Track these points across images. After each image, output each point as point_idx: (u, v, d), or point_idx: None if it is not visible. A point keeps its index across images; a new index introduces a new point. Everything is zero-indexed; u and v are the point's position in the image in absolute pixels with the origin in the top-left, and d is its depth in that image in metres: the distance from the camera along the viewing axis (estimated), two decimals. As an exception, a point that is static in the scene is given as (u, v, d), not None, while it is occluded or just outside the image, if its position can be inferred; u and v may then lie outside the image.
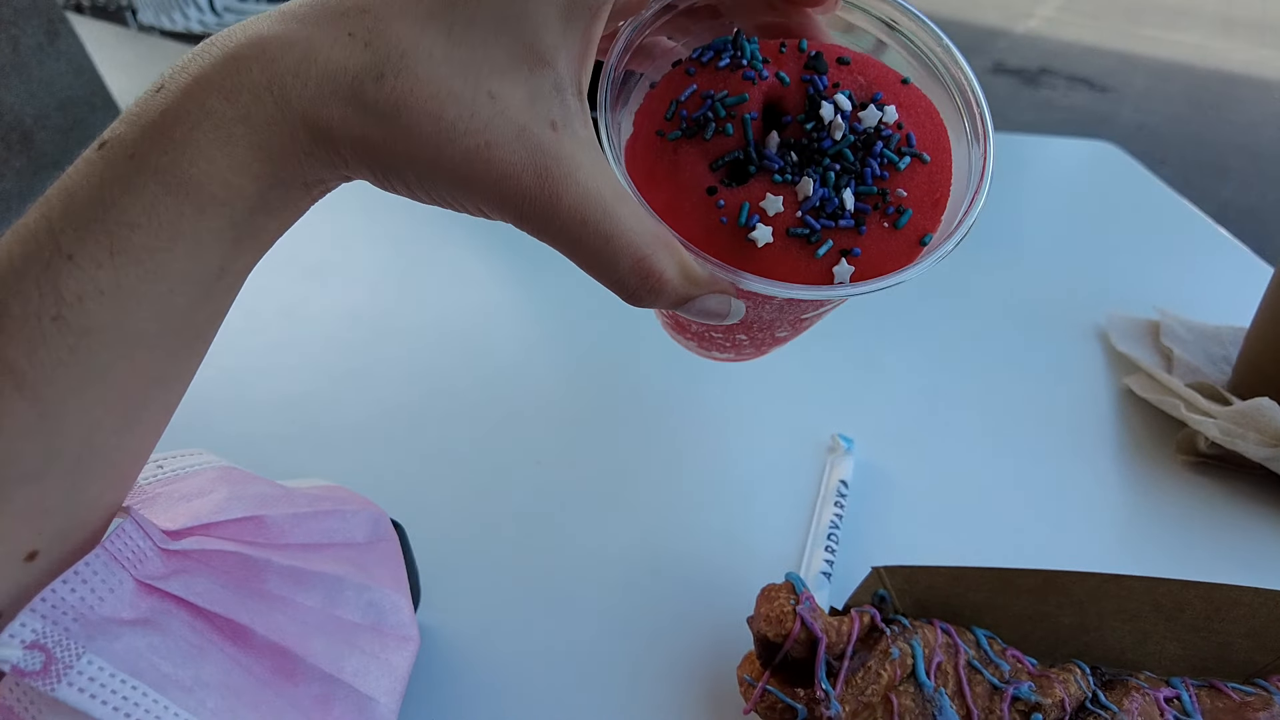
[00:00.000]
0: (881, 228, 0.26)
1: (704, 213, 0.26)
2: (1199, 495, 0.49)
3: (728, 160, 0.26)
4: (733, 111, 0.26)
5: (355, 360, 0.57)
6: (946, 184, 0.28)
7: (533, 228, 0.23)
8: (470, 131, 0.21)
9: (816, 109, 0.26)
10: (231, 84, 0.21)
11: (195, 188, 0.21)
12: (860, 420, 0.53)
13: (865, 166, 0.26)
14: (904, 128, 0.27)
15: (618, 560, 0.43)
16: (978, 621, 0.37)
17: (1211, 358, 0.59)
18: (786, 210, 0.26)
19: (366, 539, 0.32)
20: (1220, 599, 0.36)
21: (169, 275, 0.21)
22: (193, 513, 0.26)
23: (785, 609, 0.33)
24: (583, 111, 0.24)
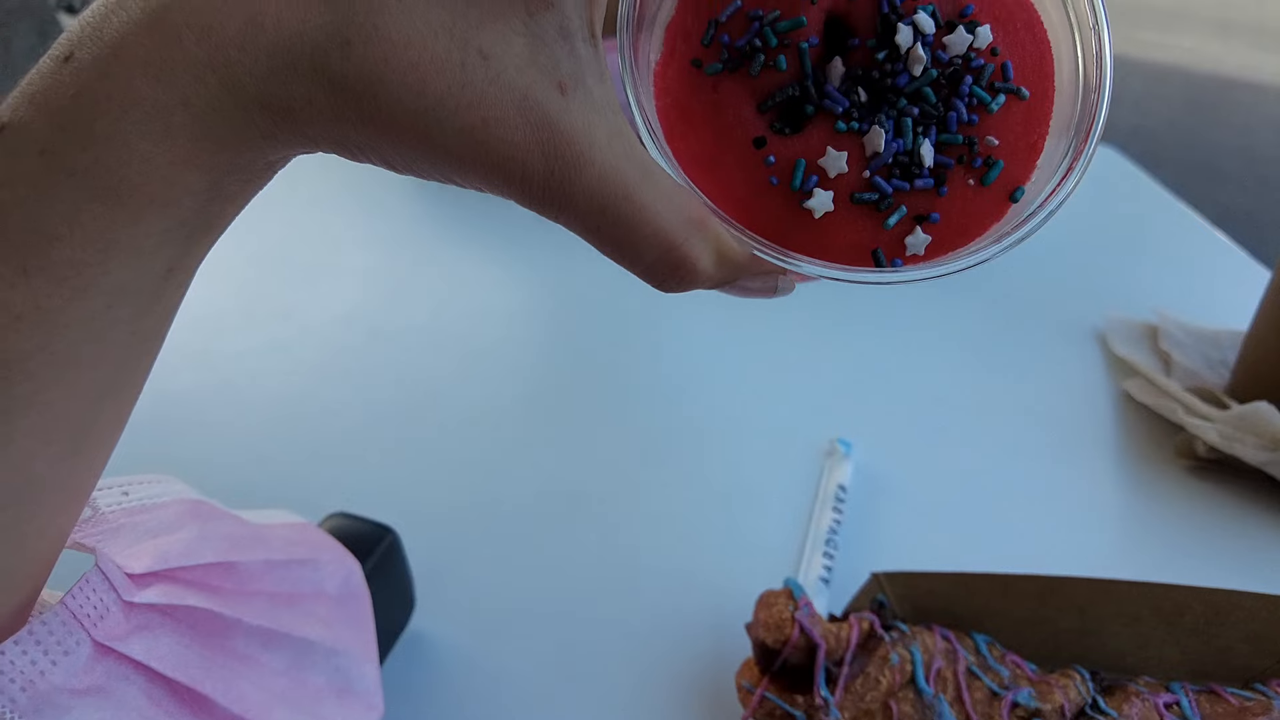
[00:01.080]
0: (965, 185, 0.22)
1: (750, 169, 0.21)
2: (1197, 499, 0.49)
3: (780, 100, 0.21)
4: (786, 39, 0.21)
5: (348, 362, 0.56)
6: (1046, 121, 0.22)
7: (542, 212, 0.20)
8: (462, 107, 0.18)
9: (891, 33, 0.21)
10: (161, 60, 0.16)
11: (128, 191, 0.17)
12: (859, 424, 0.53)
13: (950, 110, 0.21)
14: (999, 54, 0.22)
15: (614, 565, 0.42)
16: (977, 627, 0.36)
17: (1210, 361, 0.59)
18: (852, 169, 0.21)
19: (337, 592, 0.30)
20: (1219, 603, 0.36)
21: (103, 290, 0.18)
22: (160, 553, 0.24)
23: (784, 615, 0.33)
24: (596, 60, 0.19)
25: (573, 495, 0.47)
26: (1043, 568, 0.44)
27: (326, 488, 0.45)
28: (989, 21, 0.21)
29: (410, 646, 0.39)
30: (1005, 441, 0.53)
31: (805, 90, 0.21)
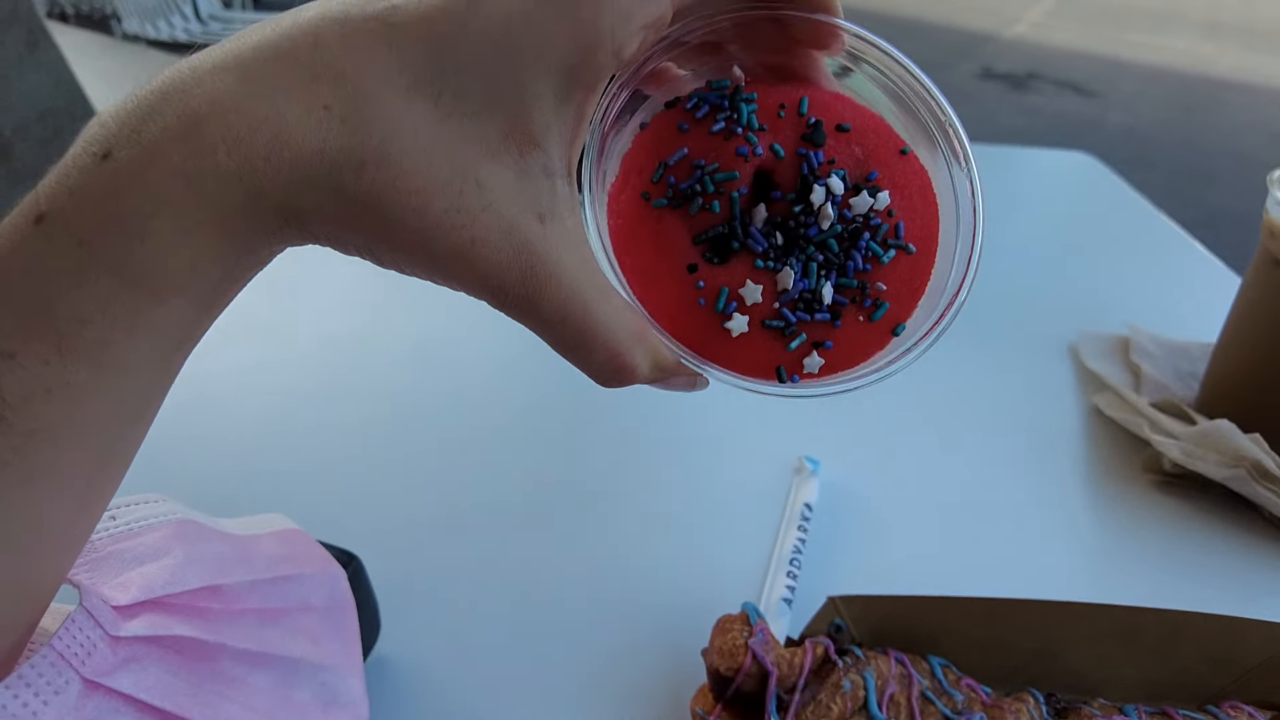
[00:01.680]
0: (856, 320, 0.26)
1: (683, 288, 0.26)
2: (1164, 513, 0.50)
3: (711, 235, 0.26)
4: (721, 188, 0.26)
5: (321, 385, 0.57)
6: (928, 272, 0.27)
7: (512, 314, 0.22)
8: (457, 226, 0.20)
9: (808, 191, 0.26)
10: (195, 169, 0.18)
11: (156, 280, 0.19)
12: (827, 440, 0.53)
13: (849, 259, 0.26)
14: (894, 215, 0.26)
15: (579, 587, 0.43)
16: (934, 649, 0.37)
17: (1180, 373, 0.59)
18: (764, 301, 0.25)
19: (323, 604, 0.31)
20: (1177, 623, 0.37)
21: (125, 365, 0.19)
22: (145, 581, 0.25)
23: (738, 642, 0.33)
24: (571, 196, 0.23)
25: (538, 518, 0.47)
26: (1010, 583, 0.45)
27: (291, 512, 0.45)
28: (889, 187, 0.26)
29: (376, 669, 0.39)
30: (975, 456, 0.53)
31: (733, 229, 0.26)
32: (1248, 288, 0.52)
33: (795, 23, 0.26)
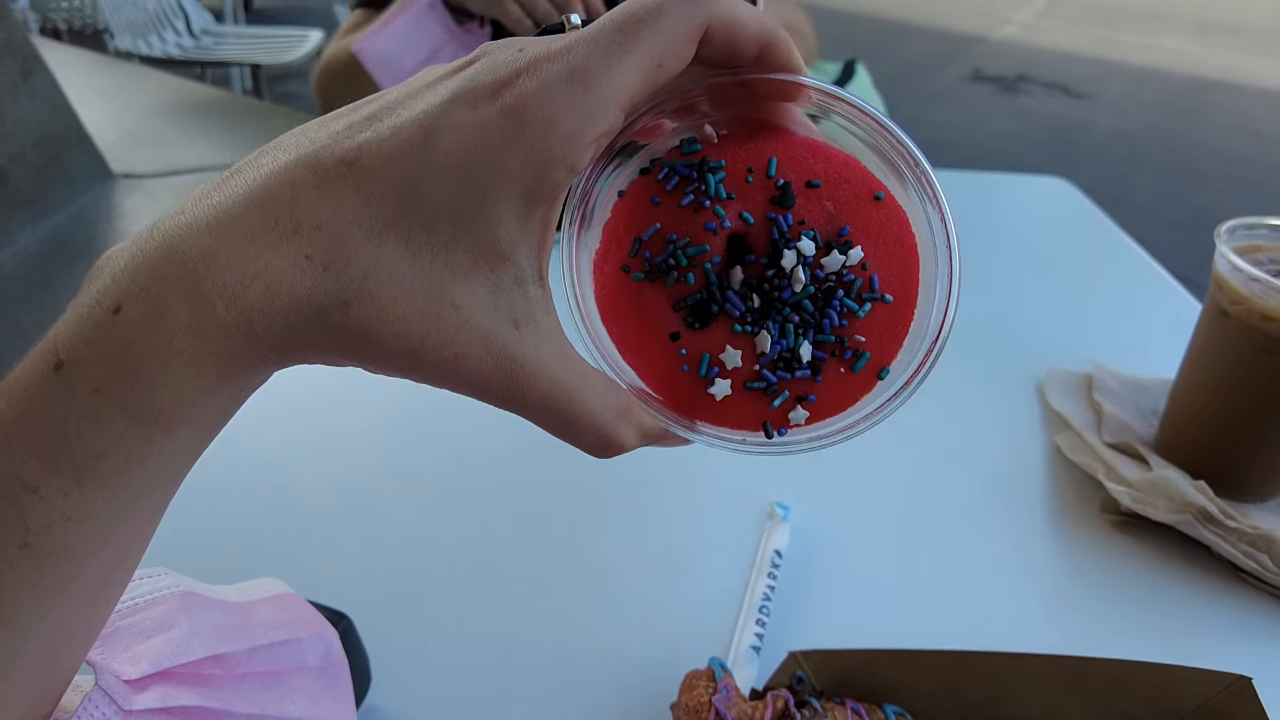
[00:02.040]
0: (837, 372, 0.27)
1: (667, 356, 0.27)
2: (1121, 552, 0.52)
3: (690, 302, 0.27)
4: (694, 261, 0.27)
5: (306, 444, 0.58)
6: (910, 314, 0.28)
7: (503, 408, 0.24)
8: (438, 346, 0.22)
9: (779, 255, 0.26)
10: (199, 324, 0.20)
11: (166, 417, 0.21)
12: (798, 483, 0.55)
13: (825, 318, 0.27)
14: (869, 268, 0.27)
15: (558, 640, 0.45)
16: (890, 698, 0.39)
17: (1141, 410, 0.62)
18: (745, 364, 0.27)
19: (319, 664, 0.34)
20: (1117, 672, 0.39)
21: (137, 488, 0.21)
22: (154, 654, 0.27)
23: (703, 700, 0.35)
24: (544, 299, 0.24)
25: (518, 572, 0.49)
26: (972, 623, 0.47)
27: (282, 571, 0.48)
28: (863, 239, 0.27)
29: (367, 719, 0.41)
30: (941, 496, 0.56)
31: (711, 294, 0.27)
32: (1198, 336, 0.54)
33: (760, 84, 0.27)
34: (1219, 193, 3.67)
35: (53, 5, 3.24)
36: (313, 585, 0.44)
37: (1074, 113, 4.60)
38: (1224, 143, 4.26)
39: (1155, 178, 3.82)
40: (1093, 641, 0.46)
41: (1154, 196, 3.59)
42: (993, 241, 0.91)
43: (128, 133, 1.79)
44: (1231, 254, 0.49)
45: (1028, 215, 1.00)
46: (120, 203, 1.55)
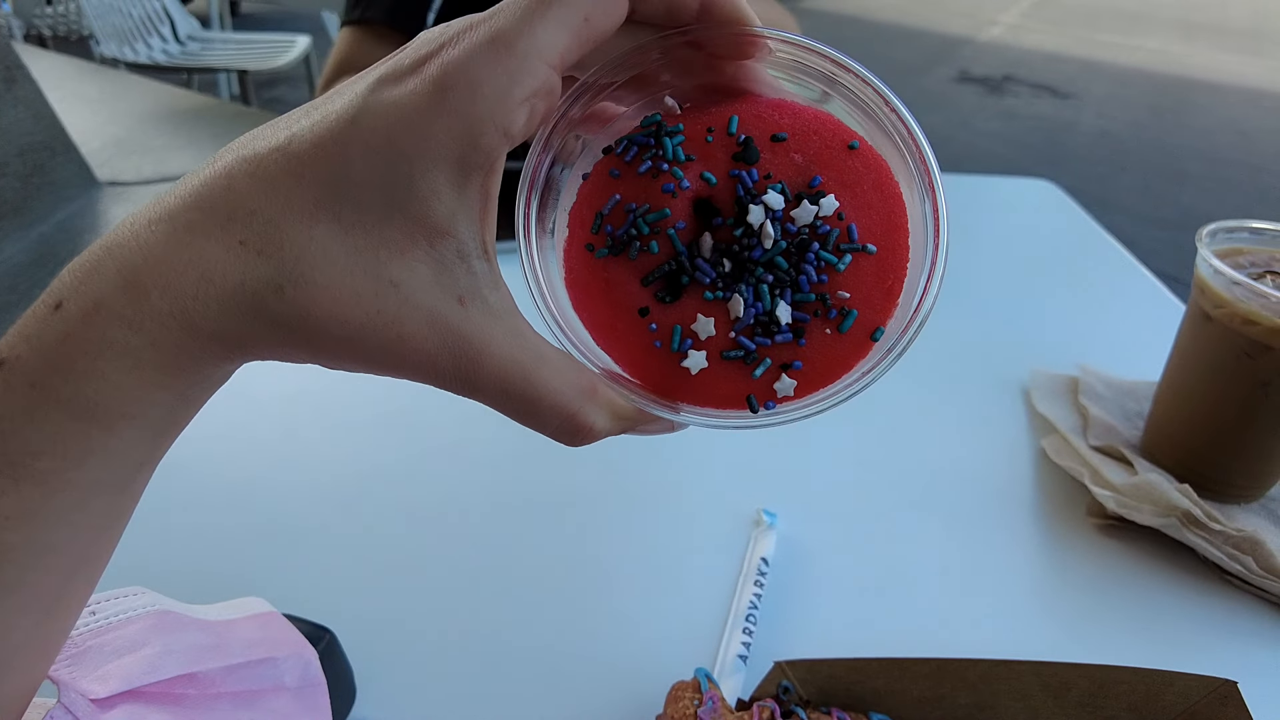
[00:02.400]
0: (824, 334, 0.25)
1: (639, 334, 0.25)
2: (1107, 556, 0.52)
3: (659, 274, 0.25)
4: (655, 227, 0.25)
5: (288, 457, 0.58)
6: (901, 268, 0.26)
7: (458, 393, 0.23)
8: (380, 328, 0.21)
9: (745, 212, 0.25)
10: (134, 313, 0.20)
11: (103, 411, 0.20)
12: (783, 490, 0.55)
13: (801, 273, 0.25)
14: (845, 218, 0.25)
15: (543, 651, 0.45)
16: (877, 706, 0.39)
17: (1127, 413, 0.62)
18: (720, 332, 0.25)
19: (296, 684, 0.33)
20: (1103, 678, 0.39)
21: (80, 488, 0.21)
22: (124, 673, 0.27)
23: (688, 711, 0.35)
24: (491, 273, 0.23)
25: (502, 583, 0.48)
26: (957, 630, 0.47)
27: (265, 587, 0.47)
28: (836, 189, 0.25)
29: (351, 734, 0.41)
30: (927, 501, 0.56)
31: (680, 264, 0.25)
32: (1182, 340, 0.54)
33: (713, 41, 0.26)
34: (1204, 192, 3.70)
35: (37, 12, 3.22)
36: (295, 600, 0.43)
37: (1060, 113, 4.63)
38: (1209, 143, 4.30)
39: (1141, 177, 3.85)
40: (1079, 646, 0.46)
41: (1140, 196, 3.61)
42: (978, 244, 0.91)
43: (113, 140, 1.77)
44: (1213, 258, 0.49)
45: (1013, 218, 1.01)
46: (106, 211, 1.54)
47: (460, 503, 0.54)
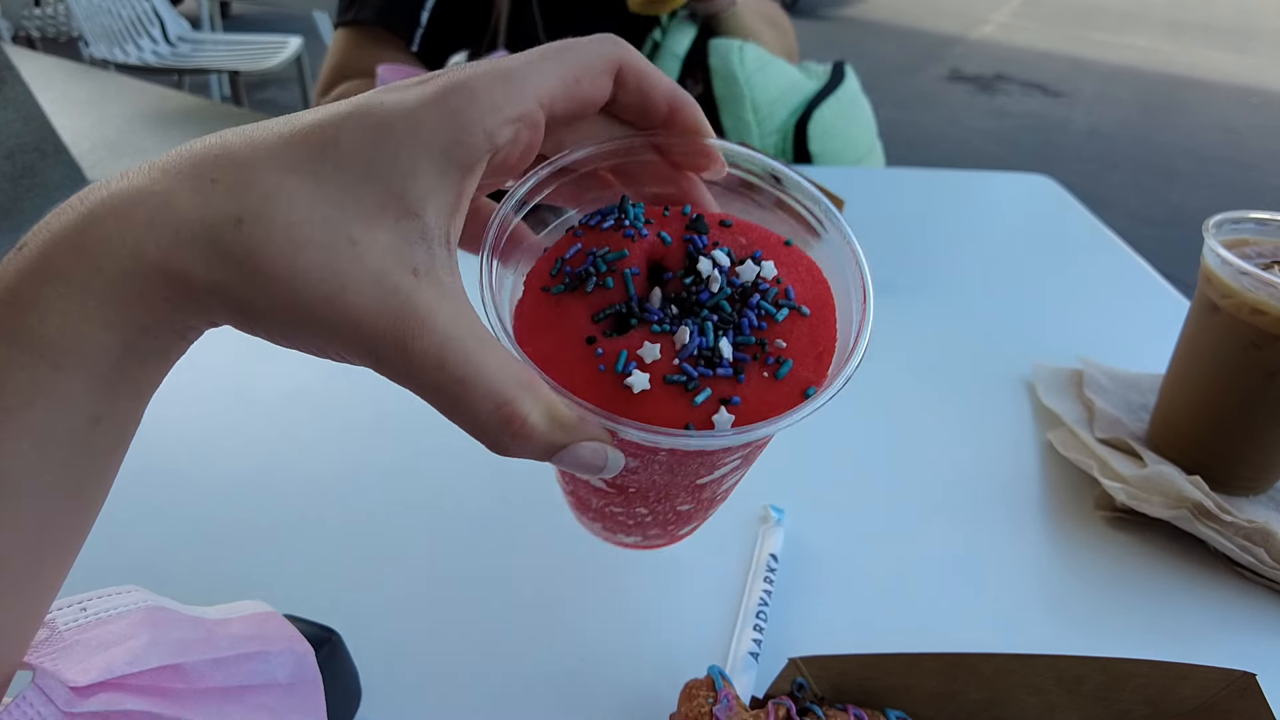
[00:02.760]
0: (761, 377, 0.26)
1: (583, 361, 0.26)
2: (1118, 550, 0.52)
3: (610, 313, 0.27)
4: (613, 266, 0.27)
5: (294, 458, 0.57)
6: (830, 337, 0.28)
7: (391, 372, 0.23)
8: (325, 278, 0.21)
9: (695, 264, 0.28)
10: (83, 239, 0.20)
11: (48, 345, 0.20)
12: (790, 486, 0.55)
13: (742, 317, 0.27)
14: (782, 282, 0.28)
15: (552, 651, 0.44)
16: (891, 702, 0.39)
17: (1131, 406, 0.62)
18: (664, 358, 0.26)
19: (289, 680, 0.32)
20: (1119, 671, 0.38)
21: (30, 432, 0.20)
22: (107, 663, 0.26)
23: (703, 710, 0.34)
24: (450, 260, 0.24)
25: (510, 584, 0.48)
26: (967, 625, 0.47)
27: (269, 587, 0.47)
28: (775, 262, 0.29)
29: (357, 736, 0.40)
30: (934, 495, 0.55)
31: (630, 307, 0.27)
32: (1188, 331, 0.54)
33: (673, 149, 0.30)
34: (1194, 190, 3.72)
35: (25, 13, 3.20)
36: (300, 601, 0.43)
37: (1051, 111, 4.65)
38: (1198, 140, 4.32)
39: (1131, 175, 3.86)
40: (1091, 640, 0.46)
41: (1131, 194, 3.63)
42: (978, 239, 0.91)
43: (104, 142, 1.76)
44: (1220, 248, 0.49)
45: (1012, 213, 1.00)
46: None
47: (467, 503, 0.53)
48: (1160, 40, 6.01)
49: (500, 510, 0.52)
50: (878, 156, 1.15)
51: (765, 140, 1.03)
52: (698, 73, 1.05)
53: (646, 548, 0.38)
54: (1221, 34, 6.25)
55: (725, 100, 1.01)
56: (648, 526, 0.35)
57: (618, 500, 0.33)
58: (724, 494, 0.35)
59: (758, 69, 1.00)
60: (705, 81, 1.04)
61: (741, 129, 1.01)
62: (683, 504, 0.34)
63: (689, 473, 0.30)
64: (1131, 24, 6.48)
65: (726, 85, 1.00)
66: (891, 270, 0.83)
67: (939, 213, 0.98)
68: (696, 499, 0.33)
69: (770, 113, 1.01)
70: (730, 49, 0.99)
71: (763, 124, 1.02)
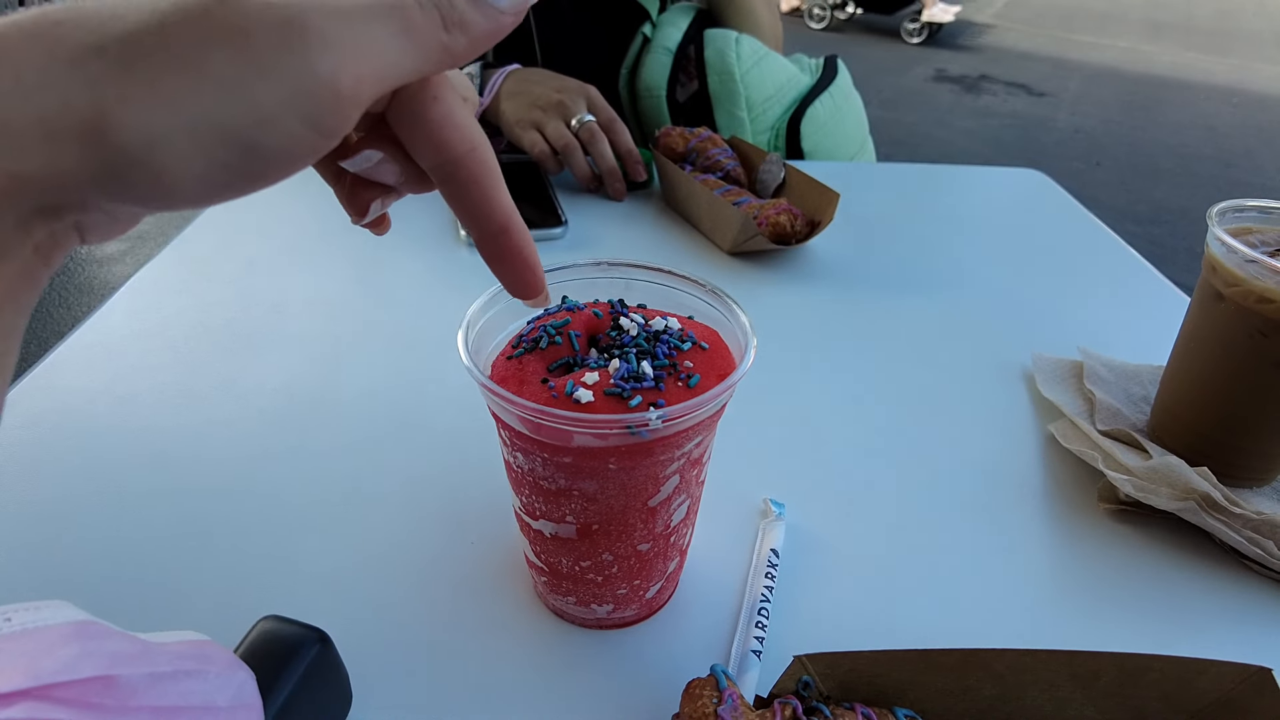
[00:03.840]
0: (677, 386, 0.34)
1: (541, 393, 0.34)
2: (1122, 543, 0.51)
3: (560, 364, 0.36)
4: (560, 332, 0.37)
5: (285, 455, 0.56)
6: (727, 364, 0.37)
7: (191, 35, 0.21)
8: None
9: (618, 320, 0.38)
10: None
11: None
12: (789, 480, 0.54)
13: (657, 348, 0.36)
14: (684, 330, 0.37)
15: (550, 653, 0.43)
16: (900, 699, 0.37)
17: (1131, 398, 0.61)
18: (602, 380, 0.34)
19: (228, 704, 0.30)
20: (1133, 666, 0.38)
21: None
22: (32, 670, 0.24)
23: (707, 710, 0.33)
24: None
25: (505, 580, 0.47)
26: (972, 621, 0.46)
27: (261, 588, 0.45)
28: (676, 320, 0.38)
29: (347, 741, 0.39)
30: (934, 489, 0.54)
31: (575, 359, 0.37)
32: (1191, 321, 0.53)
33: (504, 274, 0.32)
34: (1177, 187, 3.75)
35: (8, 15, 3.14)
36: (290, 603, 0.41)
37: (1034, 110, 4.68)
38: (1180, 139, 4.36)
39: (1116, 173, 3.89)
40: (1098, 634, 0.45)
41: (1116, 191, 3.65)
42: (971, 232, 0.90)
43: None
44: (1226, 235, 0.48)
45: (1005, 206, 1.00)
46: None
47: (460, 503, 0.52)
48: (1141, 41, 6.06)
49: (494, 513, 0.51)
50: (869, 153, 1.14)
51: (758, 137, 1.02)
52: (690, 68, 1.03)
53: (620, 623, 0.43)
54: (1200, 35, 6.31)
55: (720, 97, 0.99)
56: (616, 583, 0.40)
57: (584, 548, 0.38)
58: (676, 531, 0.40)
59: (753, 65, 0.99)
60: (699, 77, 1.03)
61: (735, 126, 1.00)
62: (641, 542, 0.39)
63: (639, 489, 0.36)
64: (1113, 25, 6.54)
65: (722, 82, 0.98)
66: (886, 264, 0.82)
67: (932, 207, 0.97)
68: (652, 534, 0.39)
69: (764, 109, 1.00)
70: (727, 42, 0.98)
71: (756, 121, 1.01)
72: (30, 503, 0.50)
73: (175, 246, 0.80)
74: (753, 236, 0.77)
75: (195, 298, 0.71)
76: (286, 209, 0.88)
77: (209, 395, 0.59)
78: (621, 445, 0.33)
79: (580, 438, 0.33)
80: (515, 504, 0.40)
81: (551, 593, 0.42)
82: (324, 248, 0.81)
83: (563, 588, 0.41)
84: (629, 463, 0.34)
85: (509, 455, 0.38)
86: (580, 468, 0.35)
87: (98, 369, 0.61)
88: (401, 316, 0.70)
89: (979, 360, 0.68)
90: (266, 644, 0.36)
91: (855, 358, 0.68)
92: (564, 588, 0.41)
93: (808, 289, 0.77)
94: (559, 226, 0.82)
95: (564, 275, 0.41)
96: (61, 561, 0.46)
